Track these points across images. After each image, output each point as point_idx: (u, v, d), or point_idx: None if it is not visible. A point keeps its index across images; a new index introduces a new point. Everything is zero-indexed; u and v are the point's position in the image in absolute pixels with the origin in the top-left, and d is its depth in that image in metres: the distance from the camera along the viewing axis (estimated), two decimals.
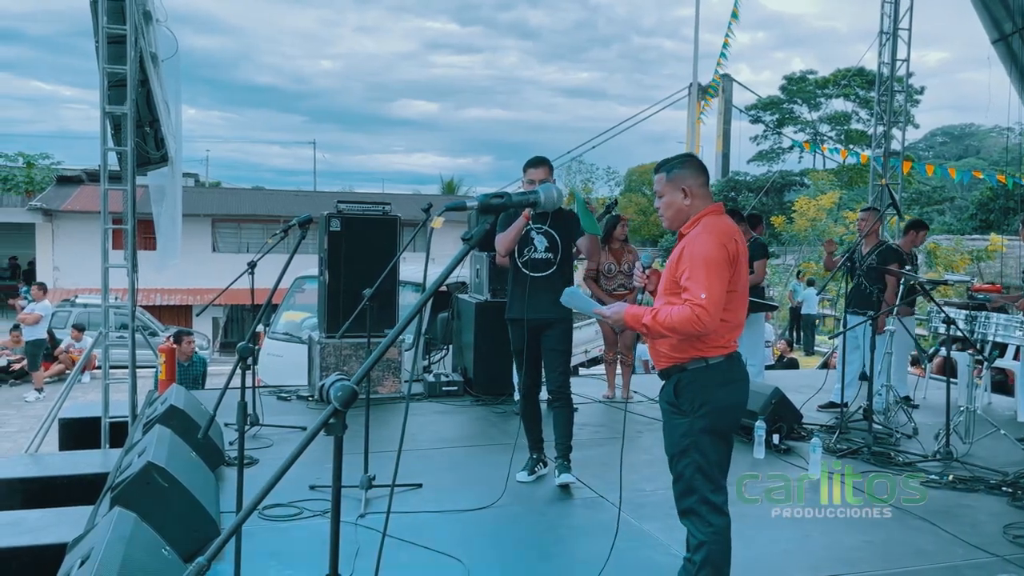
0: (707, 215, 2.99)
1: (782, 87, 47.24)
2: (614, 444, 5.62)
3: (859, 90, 45.64)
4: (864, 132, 45.08)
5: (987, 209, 37.15)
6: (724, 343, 2.96)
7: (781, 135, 47.24)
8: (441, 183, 41.09)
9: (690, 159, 3.10)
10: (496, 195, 1.84)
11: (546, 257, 4.67)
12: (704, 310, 2.76)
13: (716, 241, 2.86)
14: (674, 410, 3.00)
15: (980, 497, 4.61)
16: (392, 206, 7.40)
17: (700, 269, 2.82)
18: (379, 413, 6.33)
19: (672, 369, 3.00)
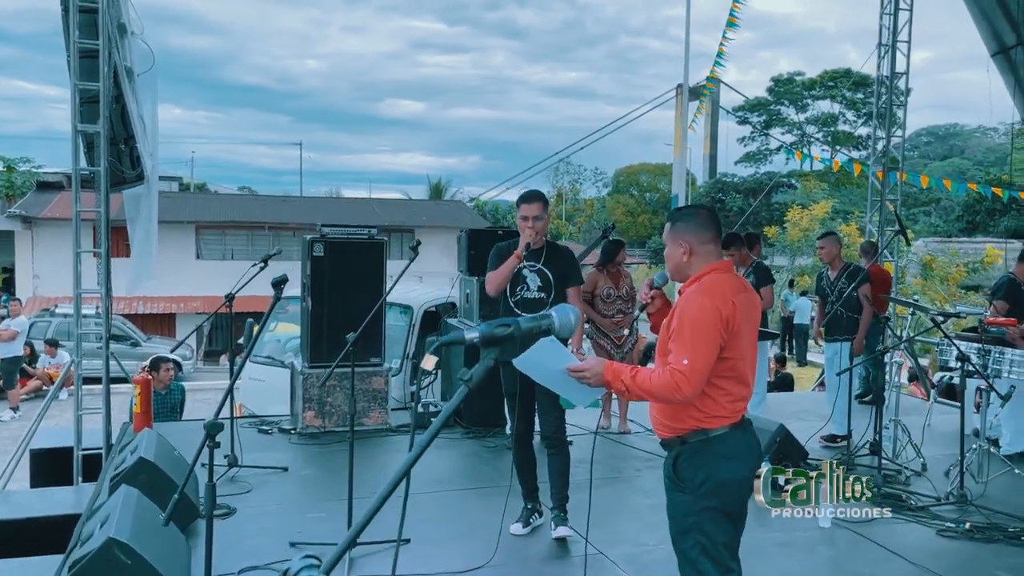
0: (709, 273, 2.75)
1: (769, 88, 47.15)
2: (614, 485, 5.36)
3: (846, 92, 45.64)
4: (850, 133, 45.07)
5: (973, 211, 37.25)
6: (727, 413, 2.71)
7: (768, 136, 47.17)
8: (428, 184, 40.76)
9: (698, 213, 2.85)
10: (502, 324, 1.57)
11: (539, 297, 4.41)
12: (684, 377, 2.54)
13: (709, 303, 2.63)
14: (675, 486, 2.75)
15: (999, 549, 4.37)
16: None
17: (686, 332, 2.61)
18: (365, 448, 6.06)
19: (672, 441, 2.76)
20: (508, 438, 6.23)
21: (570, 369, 2.69)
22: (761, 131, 47.38)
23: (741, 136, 47.67)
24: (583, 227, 47.35)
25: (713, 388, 2.66)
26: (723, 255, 2.84)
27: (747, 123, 47.31)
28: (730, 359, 2.66)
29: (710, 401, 2.67)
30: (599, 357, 2.80)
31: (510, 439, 6.20)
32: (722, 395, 2.68)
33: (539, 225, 4.34)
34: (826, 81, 45.80)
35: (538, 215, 4.35)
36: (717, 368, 2.64)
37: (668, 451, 2.79)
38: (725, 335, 2.63)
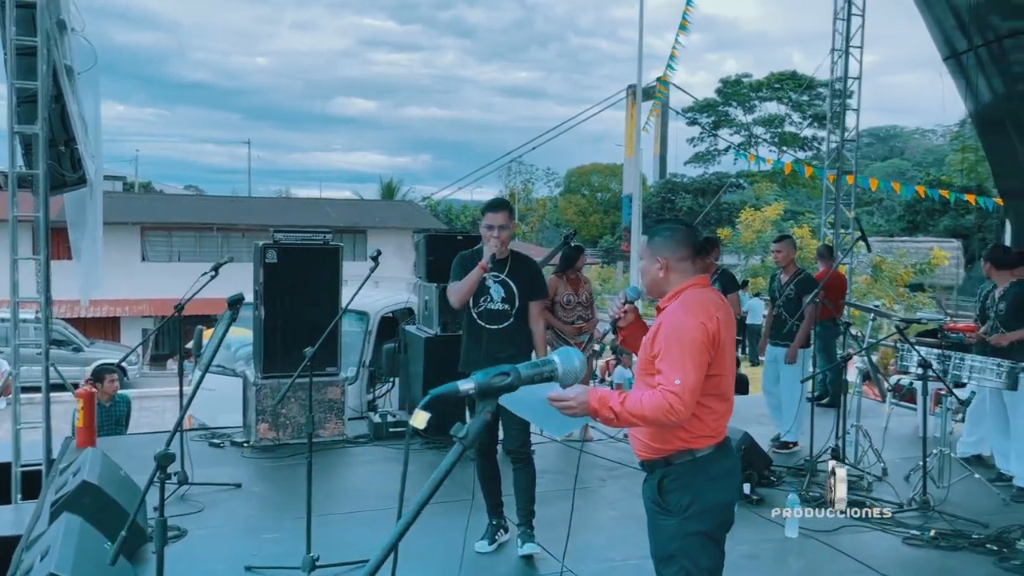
0: (688, 289, 2.66)
1: (718, 90, 47.74)
2: (579, 497, 5.25)
3: (792, 94, 46.42)
4: (796, 135, 45.84)
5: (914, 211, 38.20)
6: (712, 431, 2.63)
7: (717, 137, 47.77)
8: (380, 183, 40.34)
9: (676, 229, 2.76)
10: (500, 373, 1.44)
11: (502, 308, 4.29)
12: (678, 398, 2.44)
13: (696, 321, 2.54)
14: (659, 509, 2.66)
15: (965, 557, 4.37)
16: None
17: (675, 351, 2.51)
18: (322, 461, 5.88)
19: (655, 463, 2.67)
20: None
21: (550, 398, 2.52)
22: (710, 132, 47.96)
23: (690, 137, 48.21)
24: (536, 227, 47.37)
25: (699, 407, 2.57)
26: (697, 268, 2.75)
27: (696, 124, 47.83)
28: (716, 375, 2.58)
29: (696, 420, 2.58)
30: (583, 386, 2.66)
31: (472, 451, 6.11)
32: (708, 413, 2.60)
33: (504, 235, 4.22)
34: (772, 83, 46.53)
35: (503, 224, 4.23)
36: (704, 385, 2.55)
37: (650, 473, 2.69)
38: (712, 352, 2.54)
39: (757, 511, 5.01)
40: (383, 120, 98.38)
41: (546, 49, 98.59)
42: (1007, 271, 5.58)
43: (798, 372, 6.24)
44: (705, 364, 2.52)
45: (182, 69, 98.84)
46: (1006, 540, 4.46)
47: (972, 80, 8.90)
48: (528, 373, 1.51)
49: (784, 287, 6.40)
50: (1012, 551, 4.35)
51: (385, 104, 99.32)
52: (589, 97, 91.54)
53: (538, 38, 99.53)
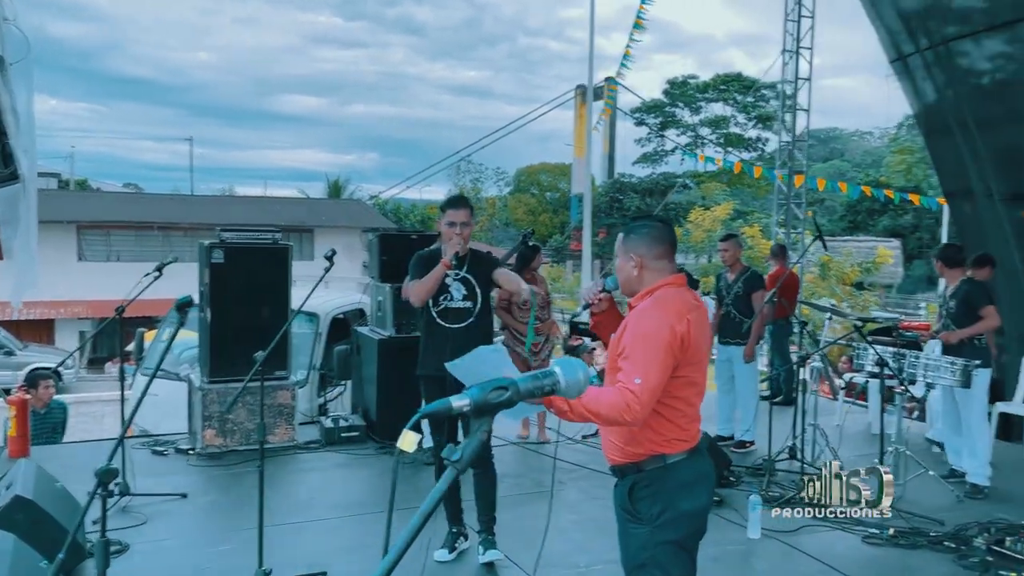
0: (662, 287, 2.57)
1: (665, 91, 48.19)
2: (538, 502, 5.15)
3: (737, 95, 47.12)
4: (741, 135, 46.55)
5: (855, 211, 39.14)
6: (685, 436, 2.55)
7: (664, 138, 48.26)
8: (327, 181, 39.69)
9: (652, 226, 2.67)
10: (497, 387, 1.31)
11: (464, 306, 4.16)
12: (635, 398, 2.35)
13: (663, 320, 2.46)
14: (630, 517, 2.57)
15: (925, 555, 4.39)
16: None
17: (639, 349, 2.42)
18: (272, 467, 5.67)
19: (627, 468, 2.58)
20: (426, 453, 5.96)
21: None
22: (657, 133, 48.43)
23: (638, 137, 48.58)
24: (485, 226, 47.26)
25: (670, 410, 2.49)
26: (675, 269, 2.67)
27: (644, 125, 48.24)
28: (686, 377, 2.50)
29: (668, 424, 2.50)
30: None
31: (427, 454, 5.96)
32: (680, 416, 2.52)
33: (466, 232, 4.11)
34: (718, 84, 47.14)
35: (465, 221, 4.12)
36: (673, 388, 2.47)
37: (621, 479, 2.60)
38: (679, 354, 2.46)
39: (718, 512, 4.97)
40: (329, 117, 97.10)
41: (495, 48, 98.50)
42: (958, 269, 5.64)
43: (755, 371, 6.24)
44: (670, 366, 2.44)
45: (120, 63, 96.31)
46: (963, 537, 4.49)
47: (918, 82, 9.05)
48: (528, 387, 1.38)
49: (732, 285, 6.39)
50: (970, 548, 4.37)
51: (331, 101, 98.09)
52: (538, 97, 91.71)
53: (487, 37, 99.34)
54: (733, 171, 19.73)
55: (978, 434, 5.47)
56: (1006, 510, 5.10)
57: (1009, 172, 8.38)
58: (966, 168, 9.07)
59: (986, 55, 8.49)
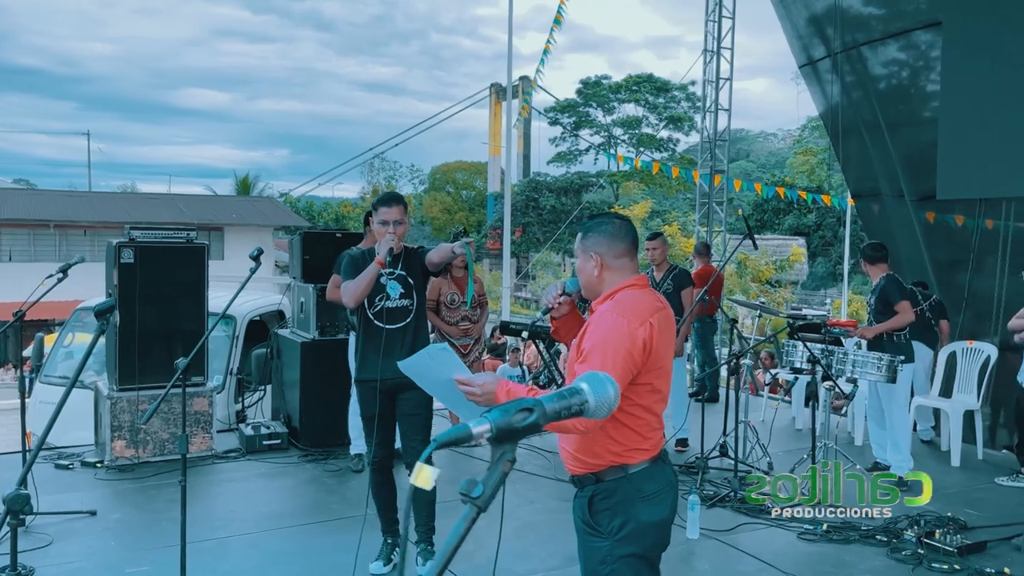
0: (624, 290, 2.47)
1: (578, 91, 48.67)
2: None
3: (649, 96, 47.99)
4: (653, 136, 47.44)
5: (761, 210, 40.36)
6: (648, 445, 2.45)
7: (578, 137, 48.78)
8: (235, 178, 38.51)
9: (610, 222, 2.55)
10: (522, 408, 1.16)
11: (402, 305, 3.98)
12: None
13: (625, 325, 2.34)
14: (590, 530, 2.45)
15: (858, 549, 4.43)
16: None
17: (597, 355, 2.30)
18: (189, 479, 5.34)
19: (585, 479, 2.46)
20: (352, 460, 5.75)
21: (458, 380, 2.38)
22: (571, 132, 48.87)
23: (552, 136, 48.93)
24: None
25: (631, 417, 2.39)
26: (637, 269, 2.57)
27: (558, 124, 48.61)
28: (645, 384, 2.40)
29: (629, 432, 2.39)
30: (492, 374, 2.45)
31: (353, 460, 5.75)
32: (642, 425, 2.41)
33: (400, 230, 3.94)
34: (631, 85, 47.89)
35: (399, 219, 3.94)
36: (634, 395, 2.37)
37: (580, 490, 2.49)
38: (641, 359, 2.35)
39: None
40: (235, 113, 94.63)
41: (408, 45, 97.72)
42: (880, 266, 5.77)
43: (683, 368, 6.25)
44: (629, 373, 2.33)
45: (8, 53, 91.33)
46: (894, 531, 4.56)
47: (826, 86, 9.28)
48: (555, 408, 1.22)
49: (660, 284, 6.38)
50: (901, 541, 4.45)
51: (237, 96, 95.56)
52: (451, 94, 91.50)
53: (399, 34, 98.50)
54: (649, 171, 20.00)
55: (900, 428, 5.60)
56: (931, 502, 5.22)
57: (919, 174, 8.67)
58: (874, 170, 9.35)
59: (892, 60, 8.77)
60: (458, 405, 2.52)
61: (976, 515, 4.89)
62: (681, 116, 47.55)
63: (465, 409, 2.50)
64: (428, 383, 2.64)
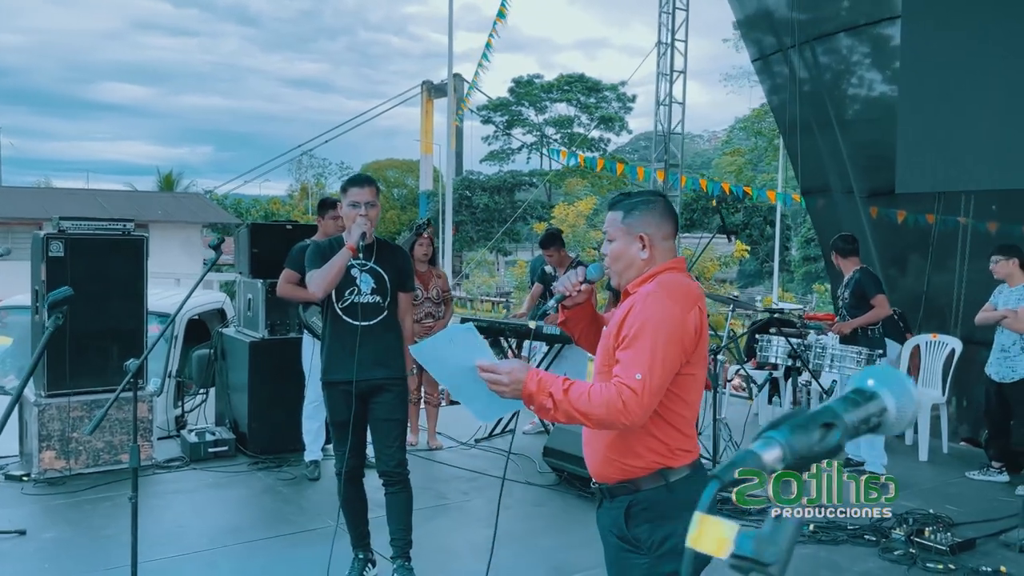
0: (665, 272, 2.20)
1: (510, 89, 48.58)
2: (444, 515, 4.71)
3: (580, 96, 48.21)
4: (585, 135, 47.68)
5: (691, 209, 40.93)
6: (691, 445, 2.21)
7: (511, 136, 48.70)
8: (158, 175, 37.07)
9: (658, 200, 2.30)
10: (824, 424, 0.83)
11: (374, 301, 3.65)
12: (635, 396, 1.97)
13: (678, 309, 2.09)
14: (626, 546, 2.19)
15: (849, 550, 4.29)
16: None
17: (646, 340, 2.03)
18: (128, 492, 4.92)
19: (619, 488, 2.19)
20: (307, 467, 5.38)
21: (481, 367, 2.07)
22: (504, 131, 48.73)
23: (485, 135, 48.73)
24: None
25: (675, 415, 2.13)
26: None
27: (490, 123, 48.42)
28: (691, 374, 2.15)
29: (673, 431, 2.14)
30: (519, 360, 2.16)
31: (308, 468, 5.37)
32: (684, 422, 2.17)
33: (373, 213, 3.61)
34: (562, 85, 48.04)
35: (371, 201, 3.61)
36: (680, 386, 2.12)
37: (610, 500, 2.22)
38: (690, 347, 2.11)
39: None
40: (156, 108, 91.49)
41: (335, 42, 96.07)
42: (852, 259, 5.68)
43: None
44: (677, 363, 2.08)
45: None
46: (881, 530, 4.44)
47: (778, 81, 9.26)
48: (854, 419, 0.89)
49: None
50: (890, 540, 4.32)
51: (158, 91, 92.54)
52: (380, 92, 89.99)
53: (327, 30, 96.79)
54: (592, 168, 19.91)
55: None
56: (907, 497, 5.14)
57: (868, 170, 8.70)
58: (824, 166, 9.38)
59: (845, 55, 8.78)
60: (475, 396, 2.20)
61: (956, 511, 4.81)
62: (612, 116, 47.91)
63: (483, 402, 2.19)
64: (441, 370, 2.30)
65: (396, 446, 3.67)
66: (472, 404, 2.28)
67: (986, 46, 6.46)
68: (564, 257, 6.33)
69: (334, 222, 5.30)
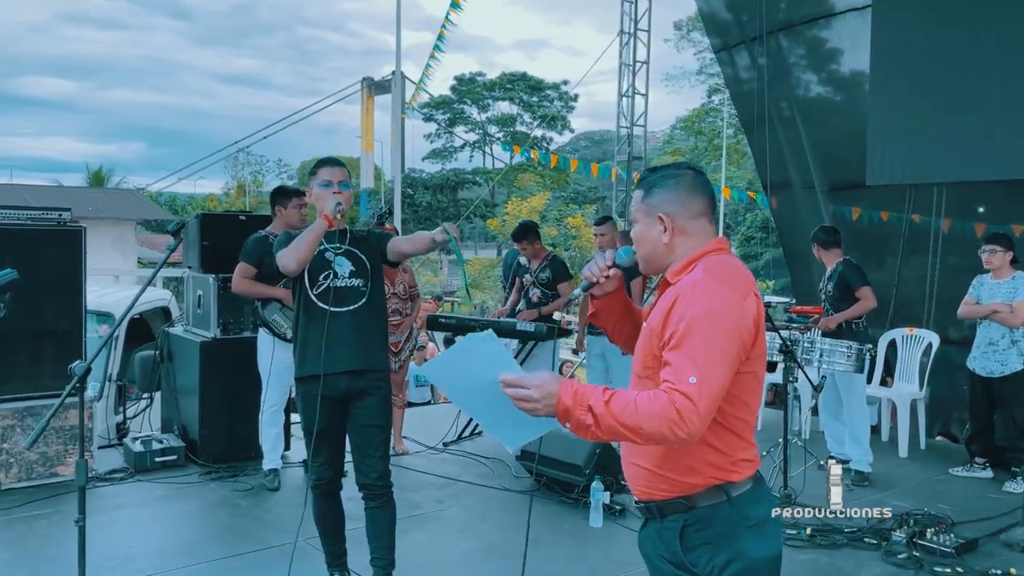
0: (709, 255, 1.90)
1: (453, 87, 48.20)
2: (421, 525, 4.36)
3: (523, 95, 48.11)
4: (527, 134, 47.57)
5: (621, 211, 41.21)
6: (751, 454, 1.91)
7: (453, 134, 48.34)
8: (87, 171, 35.59)
9: (679, 174, 1.97)
10: None
11: (352, 284, 3.28)
12: (691, 405, 1.66)
13: (733, 296, 1.79)
14: (681, 572, 1.88)
15: (851, 554, 4.09)
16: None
17: (698, 336, 1.72)
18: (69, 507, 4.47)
19: (670, 506, 1.88)
20: (266, 476, 4.99)
21: (505, 381, 1.75)
22: (446, 129, 48.33)
23: (427, 133, 48.29)
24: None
25: (735, 420, 1.84)
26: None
27: (432, 120, 47.96)
28: (752, 372, 1.85)
29: (733, 438, 1.85)
30: (550, 372, 1.83)
31: (268, 477, 4.98)
32: (745, 428, 1.88)
33: (347, 194, 3.28)
34: (505, 83, 47.87)
35: (344, 181, 3.29)
36: (739, 387, 1.81)
37: (659, 519, 1.92)
38: (750, 340, 1.81)
39: (624, 523, 4.44)
40: (84, 103, 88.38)
41: (271, 37, 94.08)
42: (834, 250, 5.53)
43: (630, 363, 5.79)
44: (738, 360, 1.77)
45: None
46: (881, 531, 4.25)
47: (740, 73, 9.13)
48: None
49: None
50: (891, 543, 4.13)
51: (86, 86, 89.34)
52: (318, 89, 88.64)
53: (262, 26, 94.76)
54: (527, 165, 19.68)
55: (860, 420, 5.36)
56: (895, 496, 5.00)
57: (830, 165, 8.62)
58: (784, 160, 9.28)
59: (809, 48, 8.69)
60: (500, 419, 1.86)
61: (949, 509, 4.66)
62: (555, 115, 47.90)
63: (511, 424, 1.85)
64: (458, 389, 1.92)
65: (378, 456, 3.32)
66: (498, 429, 1.94)
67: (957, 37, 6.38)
68: (539, 250, 6.04)
69: (298, 211, 4.94)
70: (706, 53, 38.45)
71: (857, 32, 7.91)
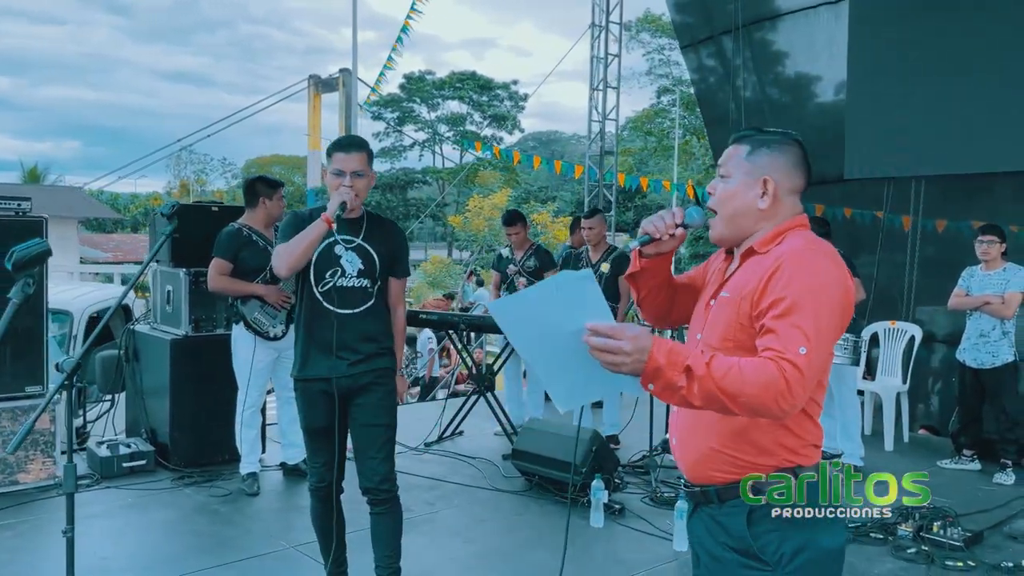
0: (796, 229, 1.78)
1: (402, 86, 47.73)
2: (415, 529, 4.14)
3: (472, 94, 47.89)
4: (477, 133, 47.38)
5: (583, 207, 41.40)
6: (819, 439, 1.80)
7: (402, 133, 47.88)
8: (22, 169, 34.29)
9: (795, 144, 1.84)
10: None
11: (360, 285, 3.07)
12: (799, 375, 1.53)
13: (837, 270, 1.69)
14: (747, 560, 1.74)
15: (859, 550, 4.00)
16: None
17: (808, 306, 1.61)
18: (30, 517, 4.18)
19: (731, 490, 1.75)
20: (245, 480, 4.73)
21: (596, 329, 1.54)
22: (395, 128, 47.80)
23: (376, 131, 47.73)
24: None
25: (811, 402, 1.72)
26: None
27: (381, 119, 47.38)
28: (830, 353, 1.74)
29: (808, 421, 1.75)
30: (639, 325, 1.65)
31: (246, 481, 4.72)
32: (818, 411, 1.79)
33: (360, 184, 3.02)
34: (454, 82, 47.59)
35: (359, 170, 3.01)
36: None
37: (719, 504, 1.77)
38: (847, 321, 1.73)
39: (624, 522, 4.30)
40: (18, 100, 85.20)
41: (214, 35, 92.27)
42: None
43: None
44: (836, 337, 1.69)
45: None
46: (887, 526, 4.18)
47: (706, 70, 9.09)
48: None
49: (597, 265, 5.77)
50: (898, 539, 4.07)
51: (19, 82, 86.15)
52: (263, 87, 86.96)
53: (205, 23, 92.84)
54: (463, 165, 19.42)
55: (851, 414, 5.32)
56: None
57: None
58: None
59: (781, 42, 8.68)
60: (565, 371, 1.64)
61: (946, 502, 4.62)
62: (505, 115, 47.80)
63: (576, 379, 1.65)
64: (526, 331, 1.65)
65: (381, 458, 3.12)
66: (557, 383, 1.69)
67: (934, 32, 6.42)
68: (525, 239, 5.89)
69: (280, 204, 4.72)
70: (655, 54, 38.85)
71: (830, 29, 7.95)
